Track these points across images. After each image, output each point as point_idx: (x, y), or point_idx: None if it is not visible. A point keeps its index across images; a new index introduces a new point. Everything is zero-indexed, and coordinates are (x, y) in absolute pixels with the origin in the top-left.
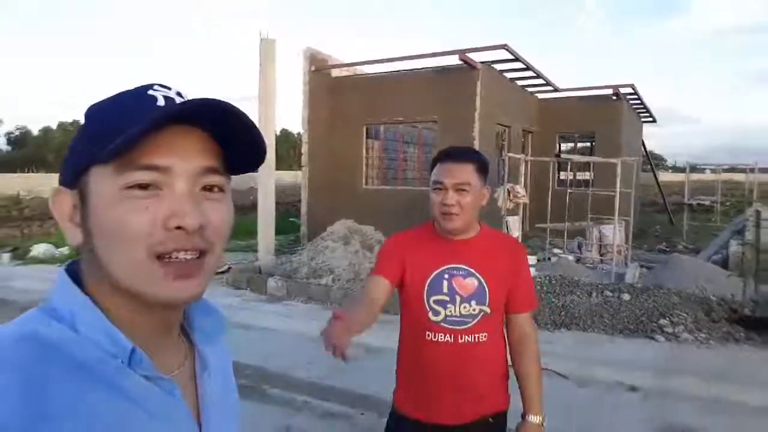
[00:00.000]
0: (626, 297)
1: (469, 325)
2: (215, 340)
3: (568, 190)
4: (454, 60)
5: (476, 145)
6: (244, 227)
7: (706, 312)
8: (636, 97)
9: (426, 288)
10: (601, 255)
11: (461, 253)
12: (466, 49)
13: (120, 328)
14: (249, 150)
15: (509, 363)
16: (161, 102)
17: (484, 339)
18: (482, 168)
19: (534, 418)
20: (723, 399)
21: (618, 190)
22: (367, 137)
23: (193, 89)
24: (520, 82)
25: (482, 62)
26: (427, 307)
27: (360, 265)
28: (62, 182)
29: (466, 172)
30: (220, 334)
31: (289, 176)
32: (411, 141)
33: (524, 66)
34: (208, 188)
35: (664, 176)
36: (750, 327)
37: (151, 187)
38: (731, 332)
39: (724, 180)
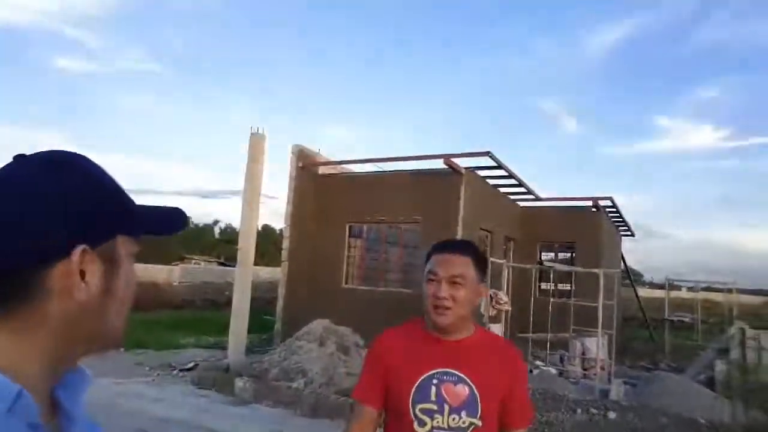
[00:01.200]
0: (612, 416)
1: None
2: (78, 399)
3: (551, 299)
4: (438, 164)
5: None
6: (215, 322)
7: None
8: (615, 210)
9: (412, 394)
10: (584, 369)
11: (452, 356)
12: (450, 154)
13: (9, 374)
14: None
15: None
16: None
17: None
18: (480, 263)
19: None
20: None
21: (601, 301)
22: (350, 236)
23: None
24: (502, 189)
25: (466, 168)
26: (412, 415)
27: (334, 369)
28: (83, 240)
29: (463, 265)
30: (83, 391)
31: (265, 272)
32: (393, 241)
33: (507, 173)
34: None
35: (642, 291)
36: None
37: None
38: None
39: (702, 298)
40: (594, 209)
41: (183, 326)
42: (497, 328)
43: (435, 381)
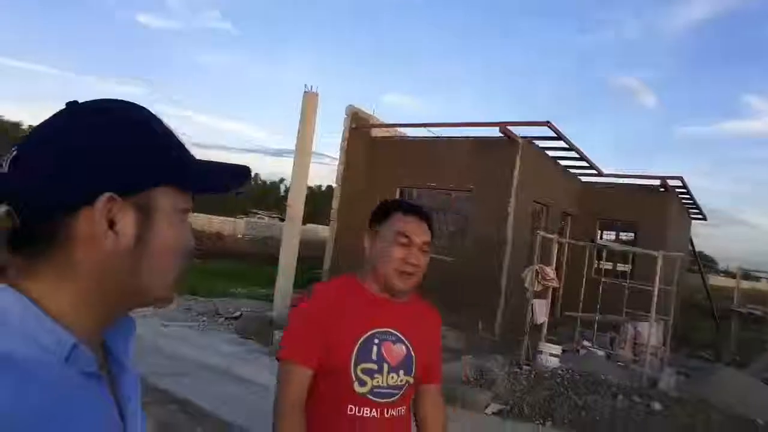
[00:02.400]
0: (657, 406)
1: (396, 397)
2: (128, 346)
3: (603, 279)
4: (494, 132)
5: (509, 221)
6: (270, 275)
7: None
8: (685, 191)
9: (354, 353)
10: (634, 354)
11: (393, 317)
12: (507, 122)
13: (65, 327)
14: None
15: None
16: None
17: (404, 413)
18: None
19: None
20: None
21: (657, 285)
22: None
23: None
24: (562, 162)
25: (523, 137)
26: (354, 376)
27: None
28: (113, 189)
29: (429, 232)
30: (131, 339)
31: (326, 231)
32: (443, 209)
33: (567, 146)
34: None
35: (714, 280)
36: None
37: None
38: None
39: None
40: (662, 189)
41: (239, 277)
42: (542, 304)
43: (376, 340)
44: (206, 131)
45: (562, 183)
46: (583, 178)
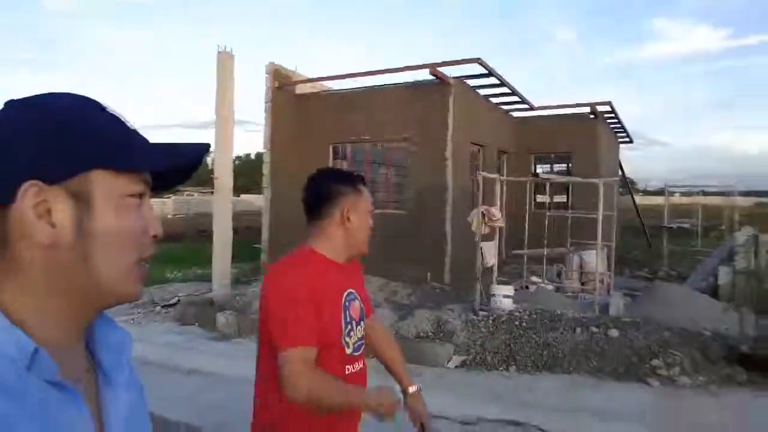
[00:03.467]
0: (614, 333)
1: (363, 346)
2: (120, 360)
3: (548, 213)
4: (425, 75)
5: (449, 166)
6: (205, 254)
7: (701, 350)
8: (613, 115)
9: (342, 323)
10: (582, 283)
11: (349, 277)
12: (437, 63)
13: (28, 333)
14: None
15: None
16: (132, 125)
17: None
18: None
19: (414, 388)
20: None
21: (600, 212)
22: (334, 158)
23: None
24: (494, 100)
25: (454, 78)
26: (343, 342)
27: None
28: (39, 177)
29: None
30: (125, 352)
31: (260, 200)
32: (380, 161)
33: (498, 82)
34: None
35: (637, 199)
36: (750, 367)
37: (140, 197)
38: (732, 375)
39: (697, 203)
40: (592, 116)
41: (173, 260)
42: (491, 246)
43: (347, 303)
44: (127, 109)
45: (495, 121)
46: (515, 114)
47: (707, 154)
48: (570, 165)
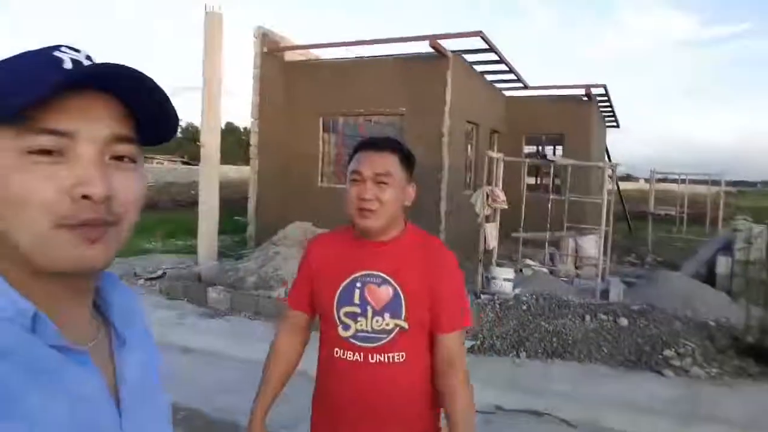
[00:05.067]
0: (624, 322)
1: (383, 342)
2: (131, 320)
3: (551, 196)
4: (422, 47)
5: (445, 143)
6: (182, 225)
7: (710, 340)
8: (606, 99)
9: (336, 297)
10: (576, 268)
11: (377, 258)
12: (437, 35)
13: (23, 296)
14: (161, 122)
15: None
16: (68, 65)
17: (401, 360)
18: (407, 161)
19: None
20: None
21: (605, 196)
22: (324, 130)
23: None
24: (488, 77)
25: (452, 51)
26: (337, 320)
27: None
28: None
29: (389, 163)
30: (135, 312)
31: (233, 171)
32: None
33: (497, 58)
34: (118, 158)
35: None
36: (759, 359)
37: (55, 153)
38: (743, 367)
39: (659, 189)
40: (586, 98)
41: (147, 229)
42: (492, 228)
43: (358, 284)
44: None
45: (489, 99)
46: (508, 93)
47: (668, 143)
48: (555, 147)
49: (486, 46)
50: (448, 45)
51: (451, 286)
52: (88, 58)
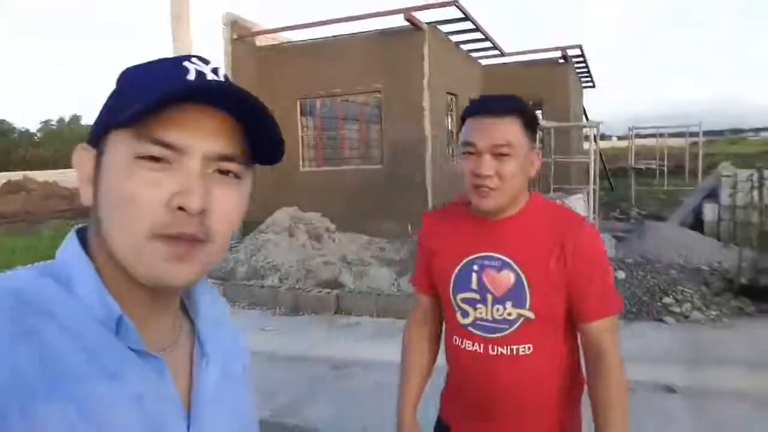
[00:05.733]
0: (621, 275)
1: (505, 333)
2: (219, 329)
3: (550, 159)
4: (396, 21)
5: (427, 116)
6: None
7: (705, 285)
8: (582, 60)
9: (452, 282)
10: None
11: (497, 238)
12: (412, 8)
13: (112, 296)
14: (269, 144)
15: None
16: (192, 75)
17: (528, 352)
18: (530, 123)
19: None
20: None
21: (594, 156)
22: (301, 114)
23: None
24: (464, 46)
25: (427, 23)
26: (455, 305)
27: (311, 261)
28: (89, 141)
29: (509, 130)
30: (224, 324)
31: None
32: (352, 116)
33: (472, 27)
34: (224, 172)
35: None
36: (754, 297)
37: (162, 161)
38: (740, 307)
39: (642, 145)
40: (562, 59)
41: None
42: None
43: (476, 267)
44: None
45: (466, 69)
46: (484, 62)
47: (635, 97)
48: (542, 111)
49: (462, 16)
50: (423, 17)
51: (591, 268)
52: (215, 71)
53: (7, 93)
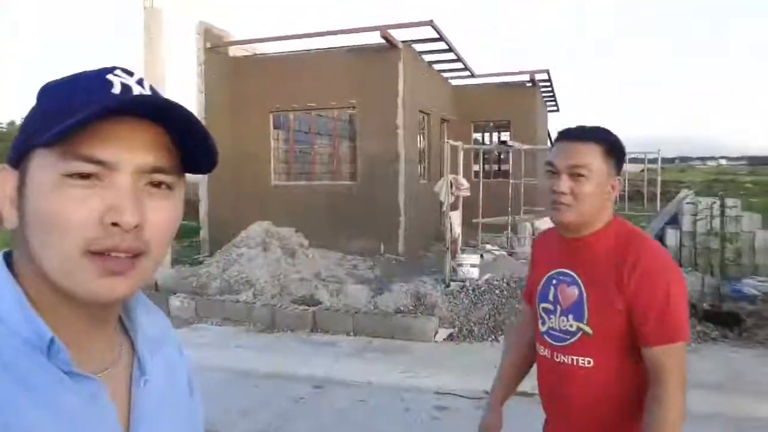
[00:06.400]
0: None
1: (566, 343)
2: (159, 345)
3: (511, 181)
4: (373, 38)
5: (401, 134)
6: None
7: None
8: (548, 84)
9: (538, 293)
10: None
11: (570, 256)
12: (388, 25)
13: (44, 318)
14: (202, 153)
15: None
16: (117, 89)
17: (588, 365)
18: (612, 151)
19: None
20: (744, 416)
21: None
22: (274, 127)
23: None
24: (436, 66)
25: (403, 42)
26: (539, 314)
27: (285, 276)
28: (8, 160)
29: (587, 153)
30: (166, 341)
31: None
32: (325, 131)
33: (446, 47)
34: (155, 184)
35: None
36: (716, 323)
37: (92, 177)
38: (706, 331)
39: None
40: (530, 83)
41: None
42: (457, 215)
43: (554, 281)
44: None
45: (438, 88)
46: (454, 82)
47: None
48: (509, 133)
49: (436, 36)
50: (399, 35)
51: (655, 293)
52: (140, 82)
53: None
